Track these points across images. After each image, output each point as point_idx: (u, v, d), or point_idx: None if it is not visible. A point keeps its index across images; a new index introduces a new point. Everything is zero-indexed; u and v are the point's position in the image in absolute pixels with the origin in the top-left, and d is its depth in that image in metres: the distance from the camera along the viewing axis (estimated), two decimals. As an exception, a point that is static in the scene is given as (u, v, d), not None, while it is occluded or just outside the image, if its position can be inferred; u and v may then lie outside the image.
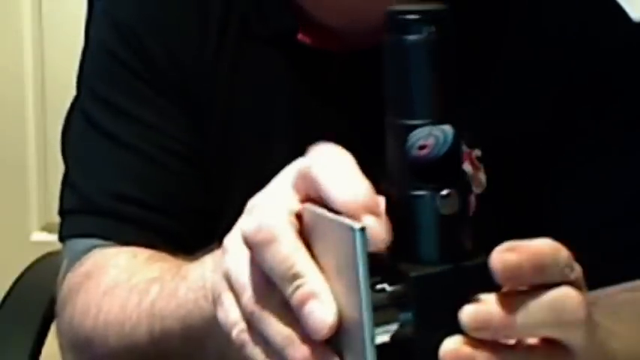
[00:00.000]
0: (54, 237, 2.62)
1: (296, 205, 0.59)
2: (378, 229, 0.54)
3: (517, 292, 0.55)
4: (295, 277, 0.56)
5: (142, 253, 0.89)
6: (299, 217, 0.59)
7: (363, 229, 0.52)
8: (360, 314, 0.53)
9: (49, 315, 1.13)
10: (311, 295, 0.55)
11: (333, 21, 0.91)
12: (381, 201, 0.57)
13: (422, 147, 0.55)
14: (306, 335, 0.56)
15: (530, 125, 0.92)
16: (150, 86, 0.93)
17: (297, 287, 0.56)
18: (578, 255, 0.90)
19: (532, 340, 0.57)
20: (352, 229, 0.53)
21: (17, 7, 2.59)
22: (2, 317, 1.13)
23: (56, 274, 0.95)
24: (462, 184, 0.56)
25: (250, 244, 0.58)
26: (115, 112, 0.94)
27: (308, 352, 0.56)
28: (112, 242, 0.91)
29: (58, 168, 3.06)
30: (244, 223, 0.59)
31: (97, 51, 0.99)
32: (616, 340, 0.78)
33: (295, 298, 0.56)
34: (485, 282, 0.55)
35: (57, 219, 0.99)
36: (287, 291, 0.56)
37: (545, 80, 0.92)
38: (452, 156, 0.55)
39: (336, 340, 0.55)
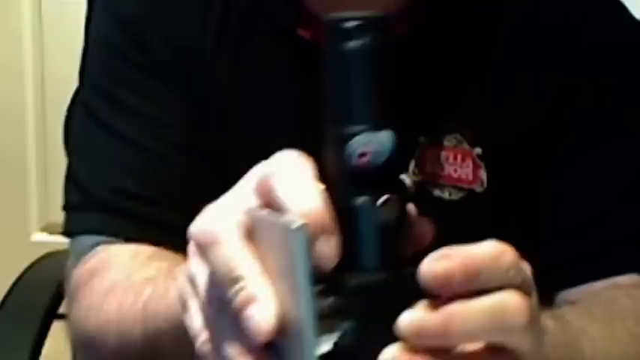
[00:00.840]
0: (54, 237, 2.62)
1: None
2: (327, 247, 0.53)
3: (455, 298, 0.54)
4: (236, 280, 0.55)
5: (143, 252, 0.88)
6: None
7: (302, 227, 0.51)
8: (301, 316, 0.52)
9: (49, 315, 1.13)
10: (251, 299, 0.54)
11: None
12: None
13: (362, 154, 0.54)
14: (250, 344, 0.54)
15: (528, 121, 0.92)
16: (152, 79, 0.93)
17: (238, 290, 0.54)
18: (573, 245, 0.90)
19: (476, 345, 0.57)
20: (292, 228, 0.51)
21: (17, 7, 2.59)
22: (2, 317, 1.12)
23: (56, 274, 0.95)
24: (401, 190, 0.56)
25: (196, 245, 0.58)
26: (117, 106, 0.93)
27: None
28: (116, 238, 0.91)
29: (58, 168, 3.06)
30: (193, 225, 0.58)
31: (98, 45, 0.98)
32: (586, 340, 0.78)
33: (236, 302, 0.54)
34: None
35: (57, 219, 0.99)
36: (229, 294, 0.55)
37: (543, 76, 0.92)
38: (392, 163, 0.55)
39: (282, 345, 0.54)
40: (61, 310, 1.18)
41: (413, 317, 0.54)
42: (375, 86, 0.55)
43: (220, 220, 0.57)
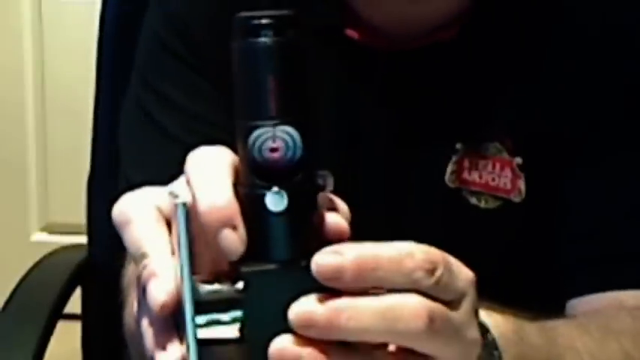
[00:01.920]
0: (54, 237, 2.61)
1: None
2: (230, 239, 0.55)
3: (349, 294, 0.54)
4: (142, 257, 0.57)
5: None
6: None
7: (182, 203, 0.54)
8: (183, 293, 0.54)
9: (54, 315, 1.13)
10: (151, 275, 0.56)
11: (377, 21, 0.91)
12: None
13: (273, 149, 0.56)
14: (154, 318, 0.57)
15: (568, 133, 0.91)
16: (198, 76, 0.93)
17: (144, 267, 0.57)
18: (578, 253, 0.90)
19: (392, 346, 0.56)
20: (174, 202, 0.55)
21: (17, 7, 2.59)
22: (6, 317, 1.12)
23: (62, 273, 0.95)
24: (311, 186, 0.57)
25: (115, 225, 0.60)
26: (164, 101, 0.94)
27: (152, 337, 0.57)
28: None
29: (58, 168, 3.07)
30: (114, 206, 0.61)
31: (150, 41, 0.98)
32: (573, 358, 0.77)
33: (142, 278, 0.57)
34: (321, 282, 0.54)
35: (57, 219, 0.99)
36: (139, 271, 0.57)
37: (584, 88, 0.91)
38: (304, 159, 0.56)
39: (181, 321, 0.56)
40: (67, 310, 1.18)
41: (301, 308, 0.54)
42: (276, 81, 0.56)
43: (136, 202, 0.59)
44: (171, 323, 0.56)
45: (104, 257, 1.07)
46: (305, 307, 0.54)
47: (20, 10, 2.59)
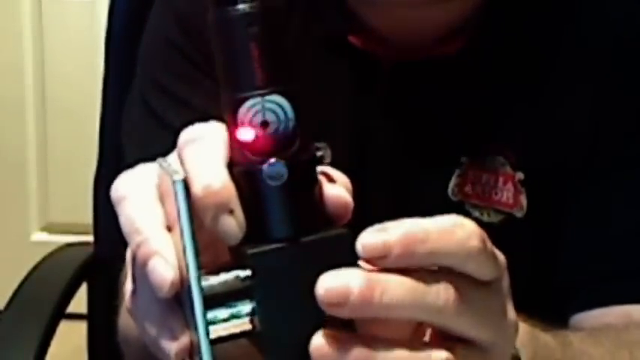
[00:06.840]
0: (54, 237, 2.61)
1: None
2: (228, 226, 0.52)
3: (382, 269, 0.52)
4: (137, 234, 0.54)
5: None
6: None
7: (183, 181, 0.51)
8: (189, 276, 0.50)
9: (57, 313, 1.12)
10: (152, 253, 0.53)
11: (381, 28, 0.91)
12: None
13: (264, 123, 0.53)
14: (156, 297, 0.54)
15: (572, 149, 0.90)
16: (206, 76, 0.92)
17: (139, 245, 0.54)
18: (586, 269, 0.89)
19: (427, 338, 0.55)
20: (173, 179, 0.51)
21: (17, 7, 2.59)
22: (10, 315, 1.12)
23: (67, 270, 0.94)
24: (309, 159, 0.54)
25: (113, 203, 0.57)
26: (172, 99, 0.93)
27: (155, 320, 0.54)
28: None
29: (58, 168, 3.07)
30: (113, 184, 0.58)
31: (155, 37, 0.98)
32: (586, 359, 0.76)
33: (139, 256, 0.53)
34: (341, 258, 0.51)
35: (57, 219, 0.99)
36: (132, 249, 0.54)
37: (591, 103, 0.90)
38: (296, 131, 0.53)
39: (184, 302, 0.53)
40: (68, 309, 1.18)
41: (333, 282, 0.51)
42: (258, 49, 0.53)
43: (132, 178, 0.57)
44: (175, 304, 0.53)
45: (110, 254, 1.07)
46: (338, 282, 0.51)
47: (20, 9, 2.59)
